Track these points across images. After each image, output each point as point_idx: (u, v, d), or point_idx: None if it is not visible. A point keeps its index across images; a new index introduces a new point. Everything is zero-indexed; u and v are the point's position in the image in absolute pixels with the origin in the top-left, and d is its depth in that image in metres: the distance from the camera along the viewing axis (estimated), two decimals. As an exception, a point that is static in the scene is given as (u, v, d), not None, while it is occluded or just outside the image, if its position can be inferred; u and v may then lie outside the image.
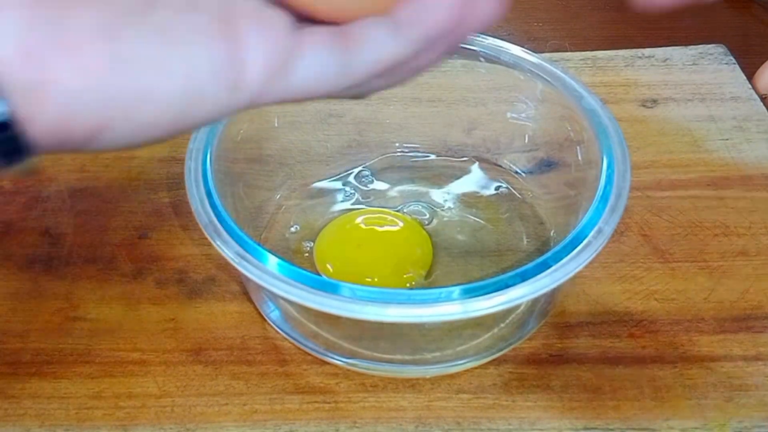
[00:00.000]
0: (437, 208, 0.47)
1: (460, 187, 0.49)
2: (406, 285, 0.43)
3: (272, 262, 0.35)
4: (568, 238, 0.36)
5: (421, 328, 0.41)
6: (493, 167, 0.49)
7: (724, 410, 0.39)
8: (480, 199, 0.48)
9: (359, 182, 0.49)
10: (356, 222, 0.46)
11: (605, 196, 0.37)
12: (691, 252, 0.46)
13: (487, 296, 0.33)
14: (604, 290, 0.44)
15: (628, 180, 0.38)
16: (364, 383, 0.40)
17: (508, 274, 0.34)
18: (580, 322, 0.42)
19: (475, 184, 0.49)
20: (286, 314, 0.41)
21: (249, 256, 0.35)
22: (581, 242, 0.35)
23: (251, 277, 0.35)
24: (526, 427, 0.38)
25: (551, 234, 0.46)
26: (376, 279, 0.43)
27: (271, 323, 0.42)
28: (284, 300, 0.40)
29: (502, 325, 0.41)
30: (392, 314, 0.33)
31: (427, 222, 0.47)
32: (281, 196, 0.48)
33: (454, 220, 0.47)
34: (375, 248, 0.45)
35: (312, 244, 0.45)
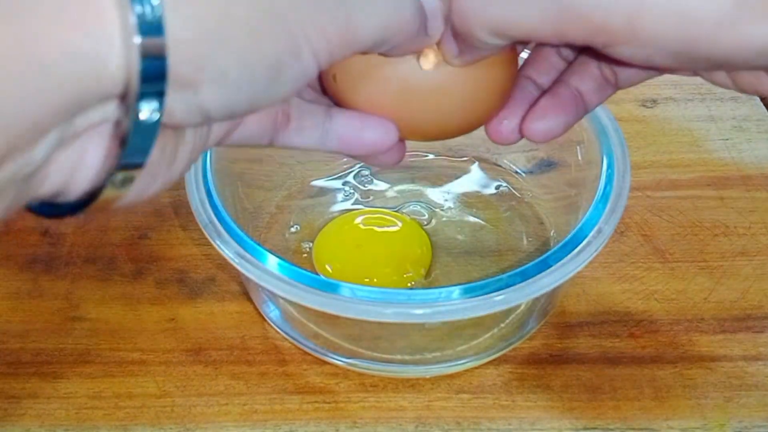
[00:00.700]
0: (437, 208, 0.47)
1: (460, 187, 0.49)
2: (406, 285, 0.43)
3: (272, 262, 0.35)
4: (568, 238, 0.36)
5: (421, 328, 0.41)
6: (492, 167, 0.49)
7: (724, 410, 0.39)
8: (480, 198, 0.48)
9: (359, 182, 0.49)
10: (355, 222, 0.46)
11: (605, 196, 0.37)
12: (691, 252, 0.46)
13: (487, 296, 0.33)
14: (604, 290, 0.44)
15: (628, 180, 0.38)
16: (364, 383, 0.40)
17: (508, 274, 0.34)
18: (580, 322, 0.42)
19: (474, 183, 0.49)
20: (286, 314, 0.41)
21: (249, 256, 0.35)
22: (581, 242, 0.35)
23: (251, 277, 0.35)
24: (526, 427, 0.38)
25: (551, 234, 0.46)
26: (375, 279, 0.43)
27: (271, 323, 0.42)
28: (284, 300, 0.40)
29: (502, 325, 0.41)
30: (392, 314, 0.33)
31: (426, 222, 0.47)
32: (281, 196, 0.48)
33: (454, 220, 0.47)
34: (374, 248, 0.45)
35: (311, 245, 0.45)
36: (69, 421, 0.39)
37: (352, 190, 0.49)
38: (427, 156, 0.50)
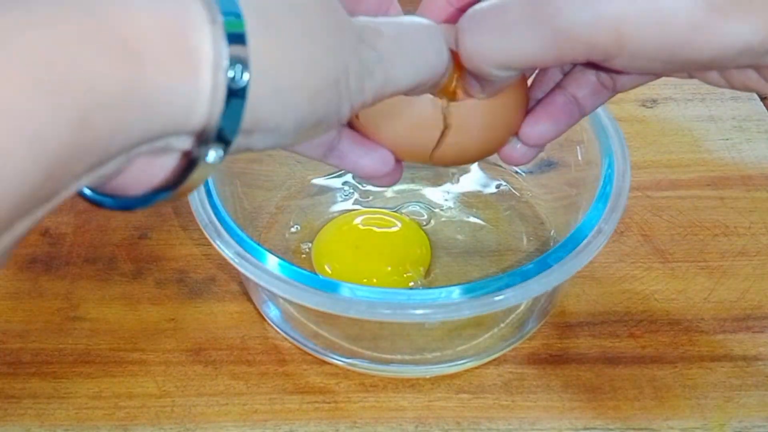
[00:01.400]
0: (436, 208, 0.47)
1: (460, 187, 0.49)
2: (406, 285, 0.43)
3: (272, 262, 0.35)
4: (568, 238, 0.36)
5: (421, 328, 0.41)
6: (492, 167, 0.49)
7: (724, 410, 0.39)
8: (480, 198, 0.48)
9: (358, 181, 0.49)
10: (354, 223, 0.46)
11: (605, 196, 0.37)
12: (691, 252, 0.46)
13: (487, 296, 0.33)
14: (604, 290, 0.44)
15: (628, 180, 0.38)
16: (364, 383, 0.40)
17: (508, 274, 0.34)
18: (580, 322, 0.42)
19: (474, 183, 0.49)
20: (286, 314, 0.41)
21: (249, 256, 0.35)
22: (581, 242, 0.35)
23: (251, 277, 0.35)
24: (526, 427, 0.38)
25: (551, 234, 0.46)
26: (375, 279, 0.43)
27: (271, 323, 0.42)
28: (284, 300, 0.40)
29: (502, 325, 0.41)
30: (392, 314, 0.33)
31: (426, 222, 0.47)
32: (281, 196, 0.48)
33: (454, 220, 0.47)
34: (373, 249, 0.45)
35: (311, 245, 0.45)
36: (69, 421, 0.39)
37: (351, 190, 0.49)
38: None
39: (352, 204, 0.48)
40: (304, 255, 0.45)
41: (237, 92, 0.20)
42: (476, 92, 0.30)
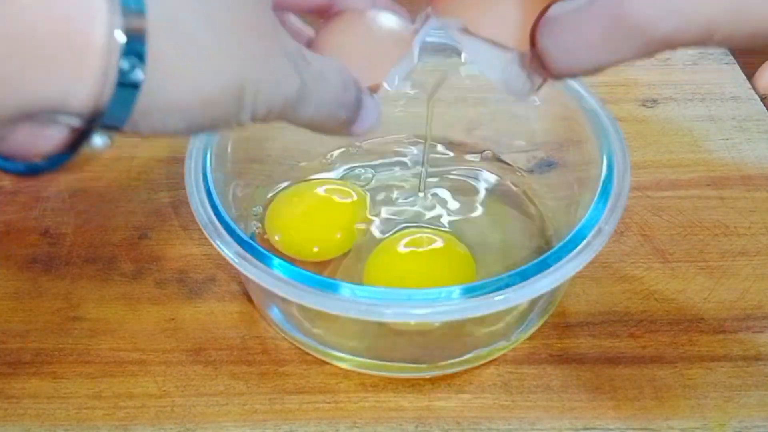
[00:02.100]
0: (437, 207, 0.47)
1: (460, 185, 0.49)
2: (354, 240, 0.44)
3: (272, 262, 0.35)
4: (568, 237, 0.36)
5: (422, 328, 0.41)
6: (493, 165, 0.49)
7: (724, 410, 0.39)
8: (480, 197, 0.48)
9: (359, 181, 0.49)
10: (309, 191, 0.47)
11: (605, 196, 0.37)
12: (691, 252, 0.46)
13: (487, 296, 0.33)
14: (604, 290, 0.44)
15: (628, 180, 0.38)
16: (364, 383, 0.40)
17: (508, 274, 0.34)
18: (580, 322, 0.42)
19: (475, 181, 0.49)
20: (286, 314, 0.41)
21: (249, 256, 0.35)
22: (581, 242, 0.35)
23: (251, 277, 0.35)
24: (526, 427, 0.38)
25: (552, 233, 0.46)
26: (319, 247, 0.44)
27: (271, 323, 0.42)
28: (284, 300, 0.40)
29: (502, 325, 0.41)
30: (392, 314, 0.33)
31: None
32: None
33: (455, 219, 0.47)
34: (322, 216, 0.45)
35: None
36: (69, 421, 0.39)
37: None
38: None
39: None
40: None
41: (128, 84, 0.20)
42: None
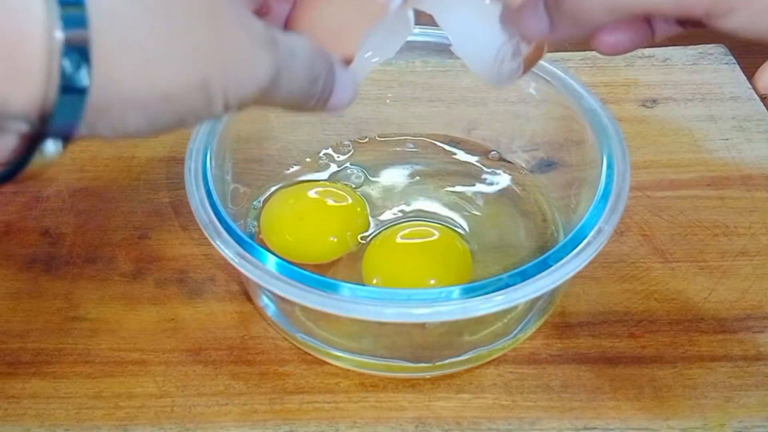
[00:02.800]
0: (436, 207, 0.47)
1: (461, 184, 0.49)
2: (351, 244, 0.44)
3: (272, 262, 0.35)
4: (568, 237, 0.36)
5: (421, 328, 0.41)
6: (493, 164, 0.49)
7: (724, 410, 0.39)
8: (480, 195, 0.48)
9: (359, 181, 0.49)
10: (304, 194, 0.46)
11: (605, 196, 0.37)
12: (691, 252, 0.46)
13: (487, 296, 0.33)
14: (604, 290, 0.44)
15: (628, 180, 0.38)
16: (364, 383, 0.40)
17: (508, 274, 0.34)
18: (580, 322, 0.42)
19: (475, 180, 0.49)
20: (286, 314, 0.41)
21: (249, 256, 0.35)
22: (581, 242, 0.35)
23: (251, 277, 0.35)
24: (526, 427, 0.38)
25: (552, 233, 0.46)
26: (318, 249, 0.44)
27: (271, 323, 0.42)
28: (284, 300, 0.40)
29: (502, 325, 0.41)
30: (392, 314, 0.33)
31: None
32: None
33: (455, 219, 0.47)
34: (317, 219, 0.45)
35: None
36: (69, 421, 0.39)
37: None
38: (426, 153, 0.50)
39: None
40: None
41: (74, 88, 0.19)
42: (537, 32, 0.28)
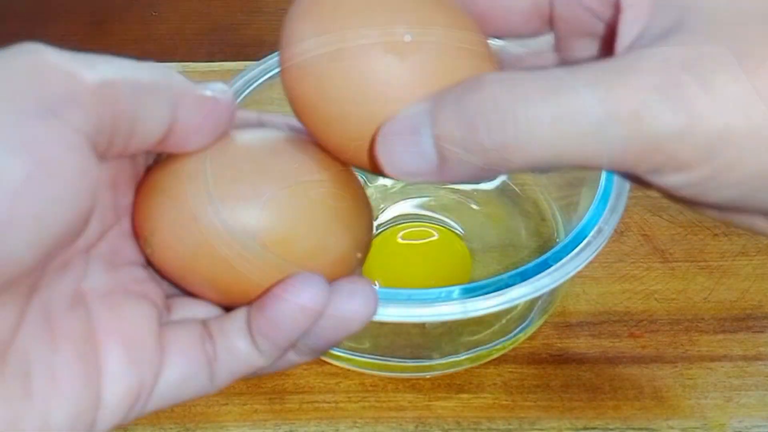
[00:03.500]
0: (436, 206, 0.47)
1: (461, 183, 0.48)
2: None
3: (272, 262, 0.35)
4: (568, 237, 0.36)
5: (421, 328, 0.41)
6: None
7: (724, 410, 0.39)
8: (481, 194, 0.48)
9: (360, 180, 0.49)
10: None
11: (605, 196, 0.37)
12: (691, 252, 0.46)
13: (487, 296, 0.33)
14: (604, 290, 0.44)
15: (628, 180, 0.38)
16: (364, 383, 0.40)
17: (507, 274, 0.34)
18: (580, 322, 0.42)
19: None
20: (286, 314, 0.41)
21: (249, 256, 0.35)
22: (581, 242, 0.35)
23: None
24: (526, 427, 0.38)
25: (552, 233, 0.46)
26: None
27: (271, 323, 0.42)
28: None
29: (502, 325, 0.41)
30: (392, 314, 0.33)
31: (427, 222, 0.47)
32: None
33: (455, 219, 0.47)
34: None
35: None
36: (69, 421, 0.39)
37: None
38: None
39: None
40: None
41: None
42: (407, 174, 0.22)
